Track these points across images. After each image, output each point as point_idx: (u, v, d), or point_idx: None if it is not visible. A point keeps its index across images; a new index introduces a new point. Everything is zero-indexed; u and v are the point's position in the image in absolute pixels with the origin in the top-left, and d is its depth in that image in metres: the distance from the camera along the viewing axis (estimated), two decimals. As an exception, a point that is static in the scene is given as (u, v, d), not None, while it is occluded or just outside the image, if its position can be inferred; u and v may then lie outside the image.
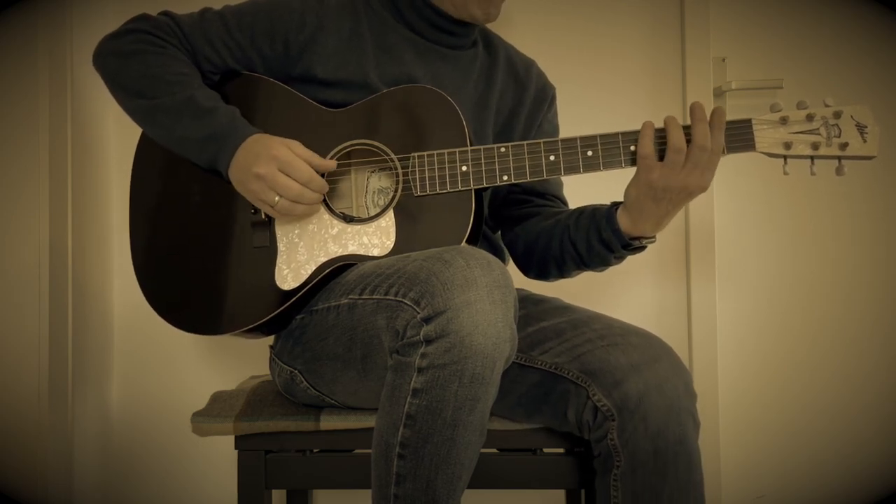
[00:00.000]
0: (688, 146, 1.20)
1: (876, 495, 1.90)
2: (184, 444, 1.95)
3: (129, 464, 1.98)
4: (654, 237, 1.30)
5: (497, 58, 1.49)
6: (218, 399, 1.43)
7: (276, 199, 1.23)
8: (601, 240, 1.31)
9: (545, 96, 1.53)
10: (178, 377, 1.97)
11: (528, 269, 1.49)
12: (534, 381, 1.27)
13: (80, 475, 1.86)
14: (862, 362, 1.92)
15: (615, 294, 1.93)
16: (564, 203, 1.53)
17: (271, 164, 1.22)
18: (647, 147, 1.21)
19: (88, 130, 1.90)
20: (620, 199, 1.30)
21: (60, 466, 1.79)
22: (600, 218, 1.31)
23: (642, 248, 1.32)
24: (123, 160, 1.43)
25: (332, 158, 1.31)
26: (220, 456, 1.95)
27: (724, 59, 1.90)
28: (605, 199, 1.37)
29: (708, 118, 1.21)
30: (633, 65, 1.94)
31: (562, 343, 1.27)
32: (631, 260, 1.89)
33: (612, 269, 1.88)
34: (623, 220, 1.28)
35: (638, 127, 1.24)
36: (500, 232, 1.53)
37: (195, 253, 1.35)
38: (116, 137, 1.96)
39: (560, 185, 1.54)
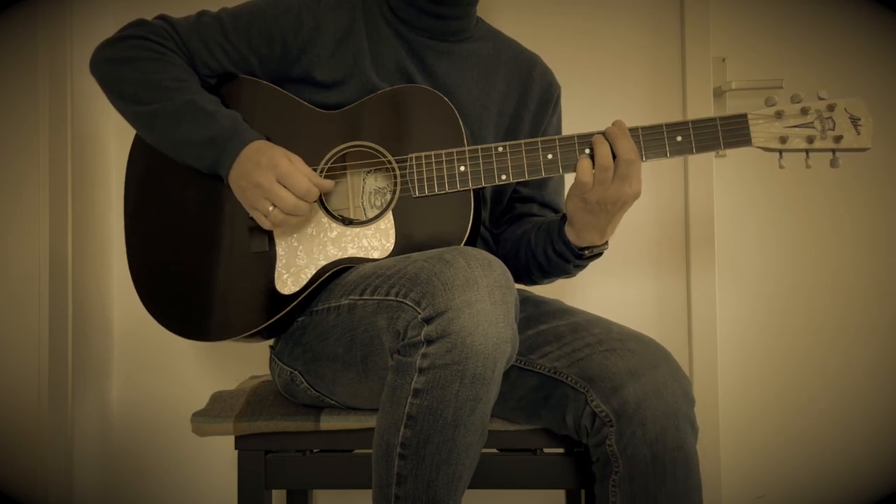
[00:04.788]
0: (614, 161, 1.22)
1: (876, 495, 1.90)
2: (184, 445, 1.95)
3: (129, 464, 1.98)
4: (605, 244, 1.32)
5: (499, 55, 1.46)
6: (218, 399, 1.43)
7: (271, 208, 1.23)
8: (556, 252, 1.34)
9: (550, 97, 1.50)
10: (177, 377, 1.97)
11: None
12: (533, 385, 1.27)
13: (80, 475, 1.86)
14: (862, 361, 1.92)
15: (615, 290, 1.93)
16: (556, 211, 1.52)
17: (270, 174, 1.22)
18: (587, 176, 1.23)
19: (88, 132, 1.90)
20: None
21: (60, 466, 1.79)
22: (552, 231, 1.34)
23: (597, 255, 1.34)
24: (123, 162, 1.42)
25: (328, 161, 1.31)
26: (220, 456, 1.95)
27: (724, 59, 1.91)
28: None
29: (617, 131, 1.23)
30: (634, 65, 1.94)
31: (561, 347, 1.27)
32: (631, 256, 1.91)
33: (611, 266, 1.90)
34: (569, 233, 1.30)
35: (637, 125, 1.25)
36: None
37: (193, 260, 1.34)
38: (116, 138, 1.96)
39: (555, 192, 1.52)
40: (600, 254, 1.33)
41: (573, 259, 1.33)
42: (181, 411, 1.86)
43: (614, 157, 1.21)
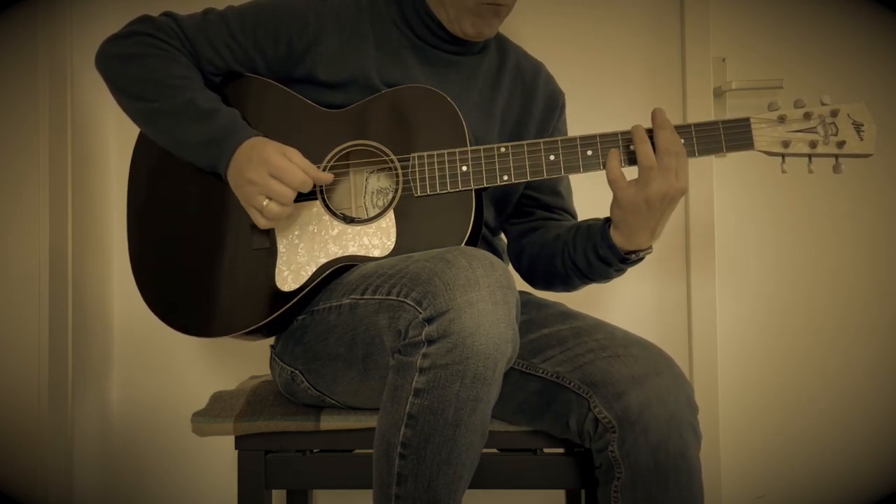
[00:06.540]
0: (656, 155, 1.20)
1: (876, 495, 1.90)
2: (184, 445, 1.95)
3: (129, 464, 1.98)
4: (650, 248, 1.29)
5: (506, 63, 1.47)
6: (218, 399, 1.43)
7: (265, 202, 1.23)
8: (599, 257, 1.32)
9: (555, 104, 1.50)
10: (177, 377, 1.97)
11: (533, 282, 1.50)
12: (535, 389, 1.27)
13: (80, 475, 1.86)
14: (862, 361, 1.92)
15: (615, 292, 1.93)
16: (573, 216, 1.51)
17: (262, 170, 1.22)
18: (615, 171, 1.22)
19: (88, 131, 1.90)
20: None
21: (60, 466, 1.79)
22: (595, 235, 1.31)
23: (640, 259, 1.31)
24: (123, 161, 1.43)
25: (331, 160, 1.31)
26: (220, 456, 1.95)
27: (724, 59, 1.91)
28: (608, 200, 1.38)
29: (658, 121, 1.22)
30: (634, 65, 1.94)
31: (564, 352, 1.27)
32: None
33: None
34: (616, 237, 1.28)
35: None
36: (506, 241, 1.53)
37: (194, 256, 1.34)
38: (116, 138, 1.96)
39: (569, 197, 1.52)
40: (642, 258, 1.31)
41: (616, 264, 1.30)
42: (181, 411, 1.86)
43: (655, 150, 1.20)
